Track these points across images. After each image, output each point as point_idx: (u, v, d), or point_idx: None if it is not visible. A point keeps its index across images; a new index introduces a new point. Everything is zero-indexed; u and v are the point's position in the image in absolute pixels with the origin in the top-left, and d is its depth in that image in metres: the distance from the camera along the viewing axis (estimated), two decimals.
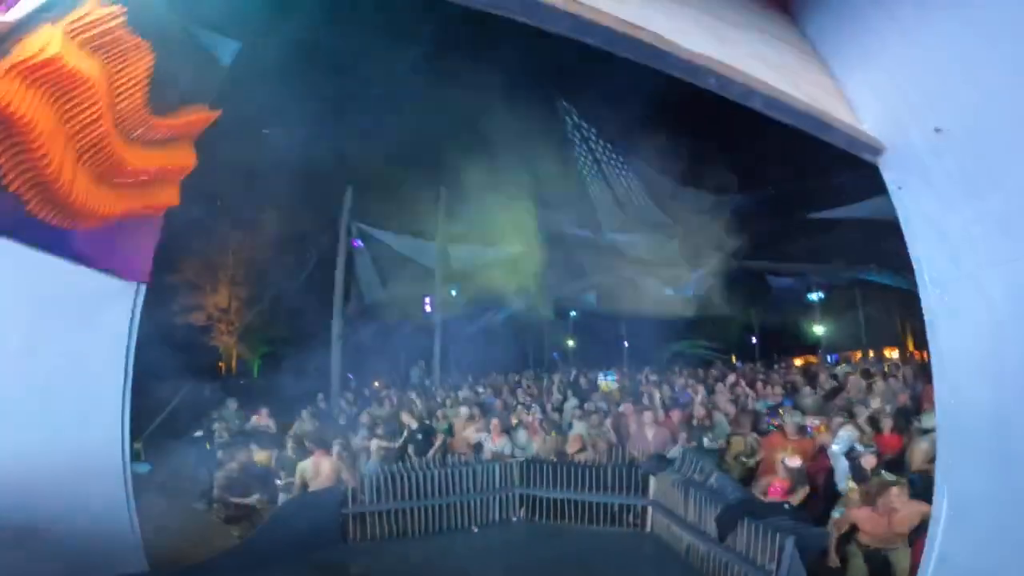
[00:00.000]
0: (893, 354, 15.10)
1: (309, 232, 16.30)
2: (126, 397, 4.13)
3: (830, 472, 5.48)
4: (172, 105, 3.78)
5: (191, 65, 3.84)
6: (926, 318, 2.95)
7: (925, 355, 13.51)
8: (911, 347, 18.02)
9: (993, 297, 2.54)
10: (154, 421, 10.90)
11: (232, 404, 8.91)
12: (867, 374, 9.16)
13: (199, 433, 8.36)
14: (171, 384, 13.03)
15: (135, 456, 8.29)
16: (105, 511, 3.85)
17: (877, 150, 3.00)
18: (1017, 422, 2.44)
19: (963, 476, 2.76)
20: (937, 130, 2.63)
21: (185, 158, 4.02)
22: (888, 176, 3.05)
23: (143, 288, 4.25)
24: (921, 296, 2.96)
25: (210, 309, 17.76)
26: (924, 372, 8.96)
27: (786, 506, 4.66)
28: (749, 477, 6.01)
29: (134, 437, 9.20)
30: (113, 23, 2.69)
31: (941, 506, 2.84)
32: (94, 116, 3.01)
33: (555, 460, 6.70)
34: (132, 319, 4.14)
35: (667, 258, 16.97)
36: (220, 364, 18.62)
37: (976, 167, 2.55)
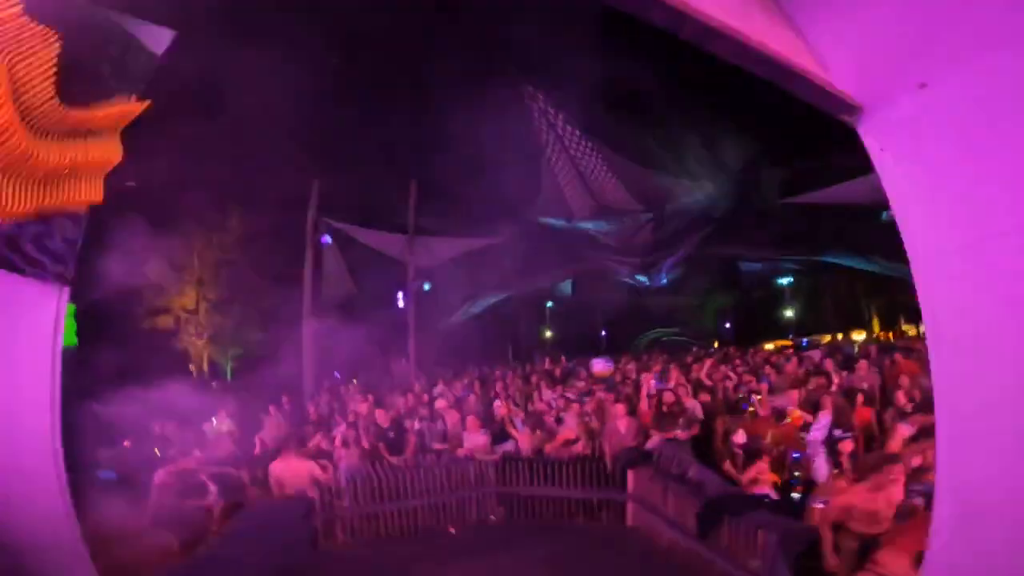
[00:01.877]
0: (860, 336, 15.47)
1: (276, 230, 15.87)
2: (55, 403, 3.87)
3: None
4: (90, 96, 3.52)
5: (113, 55, 3.57)
6: (920, 297, 2.62)
7: (891, 335, 13.98)
8: (877, 329, 18.51)
9: (998, 270, 2.25)
10: (117, 428, 10.52)
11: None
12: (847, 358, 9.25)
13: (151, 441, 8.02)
14: (137, 389, 12.62)
15: (97, 465, 7.98)
16: (44, 524, 3.60)
17: (853, 108, 2.74)
18: None
19: (970, 475, 2.44)
20: (922, 85, 2.38)
21: (109, 152, 3.75)
22: (868, 140, 2.78)
23: (67, 290, 4.00)
24: (913, 270, 2.64)
25: (177, 311, 17.21)
26: (890, 352, 9.17)
27: (767, 499, 4.65)
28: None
29: (96, 446, 8.91)
30: (8, 11, 2.49)
31: (943, 510, 2.54)
32: None
33: (533, 457, 6.59)
34: (57, 322, 3.88)
35: (639, 245, 17.05)
36: (191, 367, 18.09)
37: (975, 123, 2.27)
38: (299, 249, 14.72)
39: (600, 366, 9.28)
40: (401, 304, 17.19)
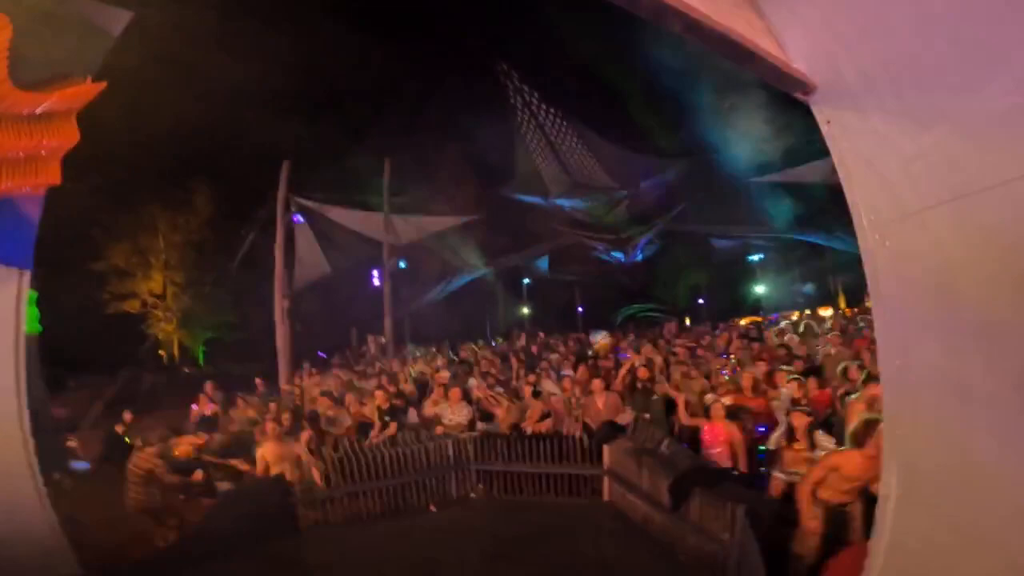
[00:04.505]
0: (827, 313, 15.97)
1: (245, 210, 15.49)
2: (21, 391, 3.80)
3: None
4: (43, 79, 3.45)
5: (66, 37, 3.49)
6: (866, 267, 2.67)
7: (856, 311, 14.43)
8: (843, 305, 19.11)
9: (942, 238, 2.29)
10: (88, 416, 10.33)
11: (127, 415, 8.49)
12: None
13: (121, 430, 7.91)
14: (106, 377, 12.37)
15: (70, 454, 7.84)
16: (16, 515, 3.56)
17: (808, 87, 2.80)
18: (976, 383, 2.20)
19: (914, 448, 2.50)
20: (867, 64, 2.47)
21: (65, 134, 3.69)
22: (818, 114, 2.86)
23: (27, 275, 3.92)
24: (860, 243, 2.69)
25: (144, 296, 16.74)
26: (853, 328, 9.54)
27: (735, 472, 4.82)
28: None
29: (68, 434, 8.72)
30: None
31: (890, 483, 2.59)
32: None
33: (511, 434, 6.69)
34: (18, 308, 3.80)
35: (615, 222, 17.17)
36: (162, 352, 17.72)
37: (917, 101, 2.34)
38: (270, 230, 14.42)
39: (599, 338, 9.47)
40: (377, 282, 17.05)
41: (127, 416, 8.44)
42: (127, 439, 7.20)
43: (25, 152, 3.62)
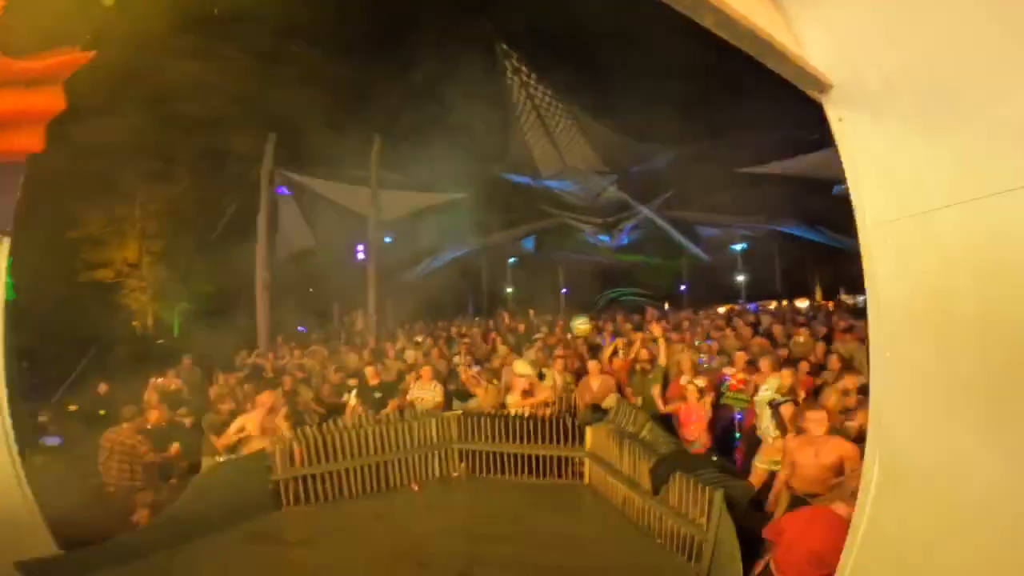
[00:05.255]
0: (803, 304, 16.27)
1: (228, 181, 15.07)
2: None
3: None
4: (32, 46, 3.37)
5: (56, 5, 3.40)
6: (864, 263, 2.75)
7: (831, 304, 14.74)
8: (819, 297, 19.49)
9: (943, 240, 2.36)
10: (59, 390, 10.10)
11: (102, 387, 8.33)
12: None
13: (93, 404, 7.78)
14: (78, 348, 12.05)
15: (41, 429, 7.65)
16: None
17: (824, 86, 2.85)
18: (963, 377, 2.28)
19: (898, 436, 2.60)
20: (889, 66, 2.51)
21: (51, 101, 3.60)
22: (831, 113, 2.91)
23: (7, 241, 3.80)
24: (860, 238, 2.76)
25: (118, 265, 16.28)
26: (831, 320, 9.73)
27: (714, 458, 4.92)
28: None
29: (38, 408, 8.51)
30: None
31: (872, 471, 2.70)
32: None
33: (494, 413, 6.71)
34: None
35: (603, 205, 17.17)
36: (135, 323, 17.31)
37: (934, 105, 2.39)
38: (253, 200, 14.08)
39: (579, 323, 9.54)
40: (361, 257, 16.84)
41: (101, 389, 8.28)
42: (101, 412, 7.05)
43: (8, 119, 3.51)
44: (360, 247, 16.83)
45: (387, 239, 16.91)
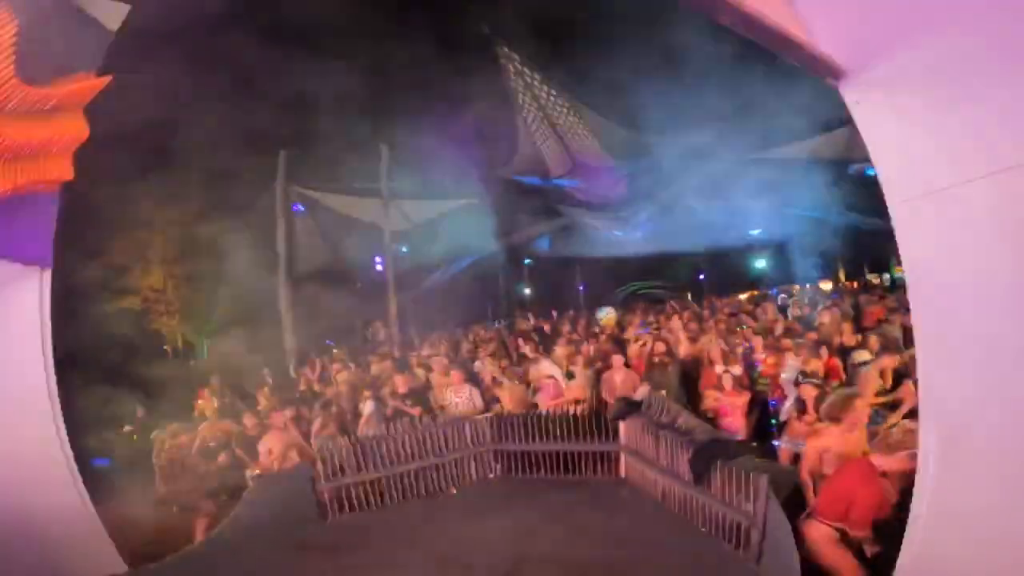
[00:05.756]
0: (827, 286, 16.04)
1: (244, 201, 15.36)
2: (53, 391, 3.84)
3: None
4: (50, 74, 3.44)
5: (67, 31, 3.48)
6: (898, 239, 2.82)
7: (856, 284, 14.55)
8: (843, 279, 19.18)
9: (972, 211, 2.44)
10: (101, 414, 10.37)
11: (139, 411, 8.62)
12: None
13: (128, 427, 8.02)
14: (114, 375, 12.36)
15: (91, 453, 7.91)
16: (62, 515, 3.64)
17: (838, 72, 2.93)
18: (1007, 343, 2.36)
19: (951, 408, 2.66)
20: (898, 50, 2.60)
21: (74, 128, 3.69)
22: (847, 95, 3.00)
23: (48, 274, 3.92)
24: (891, 215, 2.84)
25: (145, 292, 16.69)
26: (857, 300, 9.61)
27: (753, 444, 4.91)
28: None
29: (83, 433, 8.77)
30: None
31: (929, 442, 2.76)
32: None
33: (527, 413, 6.76)
34: (42, 307, 3.82)
35: (615, 200, 17.11)
36: (167, 348, 17.73)
37: (949, 84, 2.47)
38: (270, 220, 14.35)
39: (604, 315, 9.60)
40: (379, 268, 17.04)
41: (139, 412, 8.53)
42: (151, 436, 7.25)
43: (37, 149, 3.60)
44: (378, 259, 17.03)
45: (403, 249, 17.09)
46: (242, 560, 4.70)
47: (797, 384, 5.50)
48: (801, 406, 5.30)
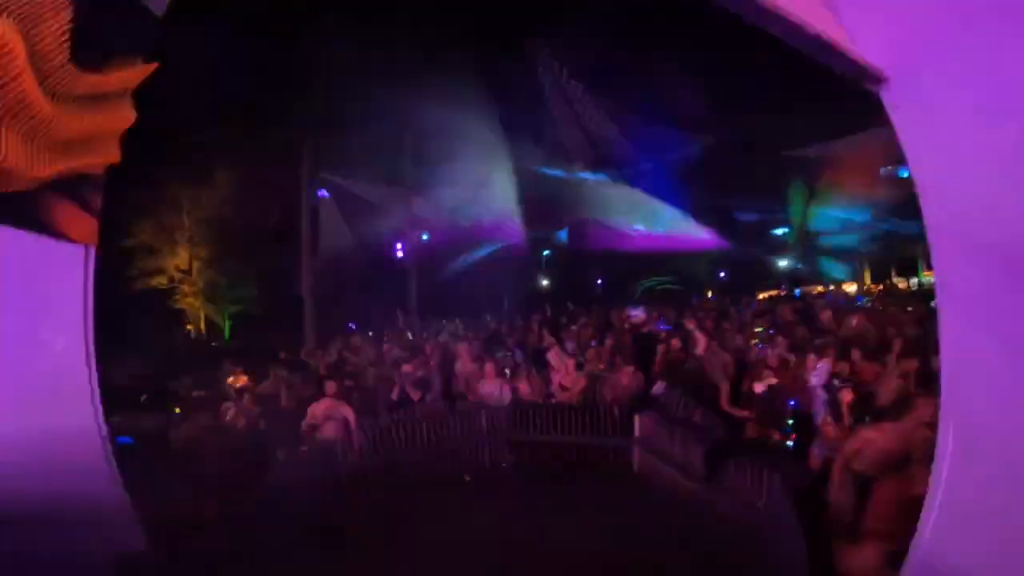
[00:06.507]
0: (851, 288, 15.71)
1: (270, 185, 15.58)
2: (92, 369, 3.95)
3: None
4: (100, 60, 3.51)
5: (117, 17, 3.53)
6: (932, 244, 2.82)
7: (882, 288, 14.24)
8: (868, 281, 18.75)
9: (1007, 219, 2.44)
10: (125, 392, 10.68)
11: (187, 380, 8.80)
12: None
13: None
14: (140, 352, 12.72)
15: (116, 430, 8.15)
16: (94, 491, 3.75)
17: (880, 79, 2.93)
18: None
19: (972, 409, 2.68)
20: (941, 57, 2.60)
21: (123, 114, 3.74)
22: (887, 101, 2.99)
23: (93, 252, 4.01)
24: (925, 218, 2.84)
25: (171, 271, 17.09)
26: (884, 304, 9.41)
27: (767, 442, 4.89)
28: None
29: (109, 411, 9.03)
30: None
31: (946, 441, 2.75)
32: (13, 74, 2.78)
33: (542, 404, 6.79)
34: (86, 285, 3.91)
35: (638, 196, 17.01)
36: (189, 327, 18.15)
37: (993, 92, 2.46)
38: (294, 204, 14.55)
39: (636, 314, 9.61)
40: (400, 255, 17.19)
41: (167, 388, 8.75)
42: (177, 409, 7.45)
43: (88, 134, 3.68)
44: (399, 245, 17.17)
45: (424, 236, 17.20)
46: (260, 539, 4.81)
47: (828, 388, 5.41)
48: (835, 412, 5.20)
